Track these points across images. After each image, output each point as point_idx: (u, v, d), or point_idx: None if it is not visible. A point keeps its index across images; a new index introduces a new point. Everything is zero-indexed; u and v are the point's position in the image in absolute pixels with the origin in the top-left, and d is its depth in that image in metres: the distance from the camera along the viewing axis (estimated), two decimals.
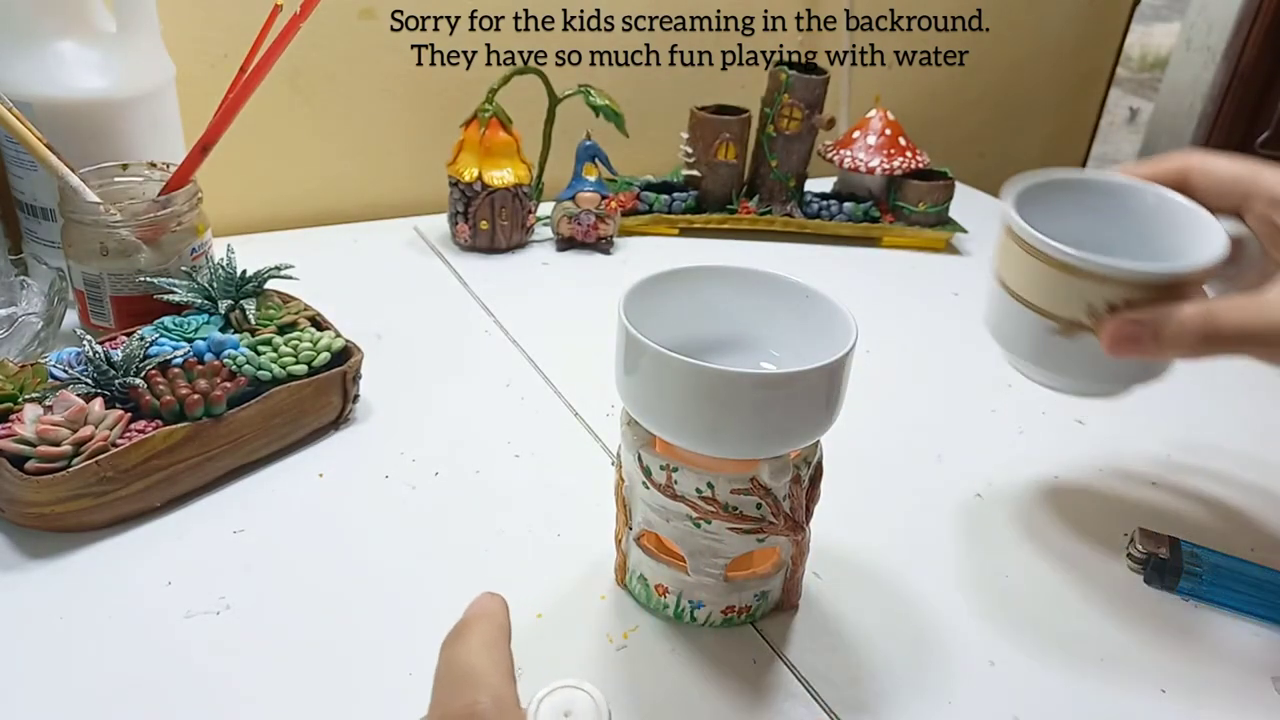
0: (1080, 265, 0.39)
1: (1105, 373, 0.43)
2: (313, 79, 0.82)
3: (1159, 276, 0.39)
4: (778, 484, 0.41)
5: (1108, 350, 0.40)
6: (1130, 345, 0.39)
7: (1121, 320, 0.39)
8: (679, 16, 0.96)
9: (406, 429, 0.58)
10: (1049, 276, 0.40)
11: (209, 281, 0.58)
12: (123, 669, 0.41)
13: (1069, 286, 0.40)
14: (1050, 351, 0.42)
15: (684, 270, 0.45)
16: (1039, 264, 0.40)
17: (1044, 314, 0.41)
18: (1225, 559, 0.50)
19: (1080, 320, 0.40)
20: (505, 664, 0.29)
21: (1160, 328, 0.38)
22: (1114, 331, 0.39)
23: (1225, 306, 0.38)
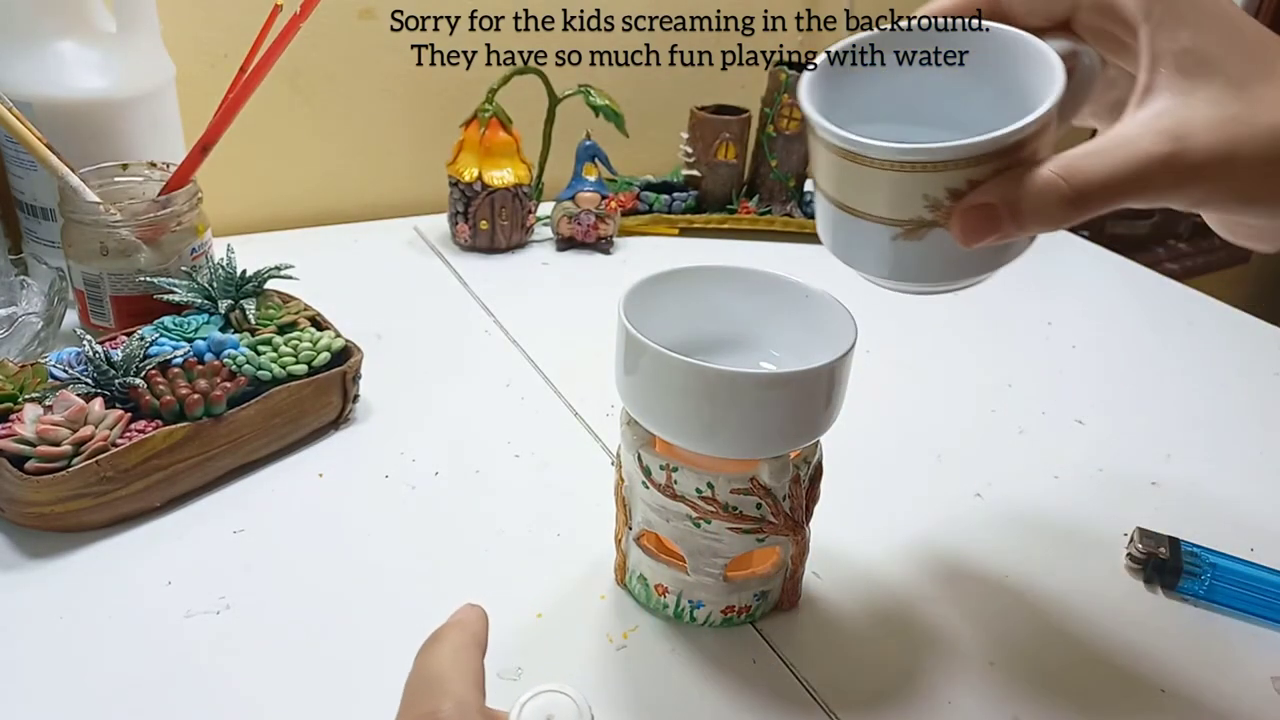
0: (906, 158, 0.33)
1: (966, 265, 0.37)
2: (313, 79, 0.82)
3: (995, 143, 0.32)
4: (778, 484, 0.41)
5: (963, 242, 0.34)
6: (987, 231, 0.33)
7: (970, 207, 0.33)
8: (679, 16, 0.96)
9: (406, 429, 0.58)
10: (875, 179, 0.34)
11: (209, 281, 0.58)
12: (123, 669, 0.41)
13: (900, 185, 0.34)
14: (901, 259, 0.36)
15: (684, 270, 0.45)
16: (860, 168, 0.34)
17: (882, 221, 0.35)
18: (1225, 559, 0.50)
19: (924, 218, 0.34)
20: (472, 672, 0.29)
21: (1015, 204, 0.33)
22: (965, 221, 0.33)
23: (1082, 159, 0.32)
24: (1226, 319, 0.83)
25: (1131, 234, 1.81)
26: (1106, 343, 0.77)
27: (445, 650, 0.30)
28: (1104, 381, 0.71)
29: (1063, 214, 0.32)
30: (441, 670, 0.29)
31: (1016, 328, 0.78)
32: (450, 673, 0.29)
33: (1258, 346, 0.78)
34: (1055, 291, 0.88)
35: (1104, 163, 0.32)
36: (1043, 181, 0.32)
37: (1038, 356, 0.74)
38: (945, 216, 0.34)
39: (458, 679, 0.29)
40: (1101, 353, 0.75)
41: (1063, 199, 0.32)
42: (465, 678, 0.29)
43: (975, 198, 0.33)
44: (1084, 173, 0.32)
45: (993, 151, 0.32)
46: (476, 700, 0.28)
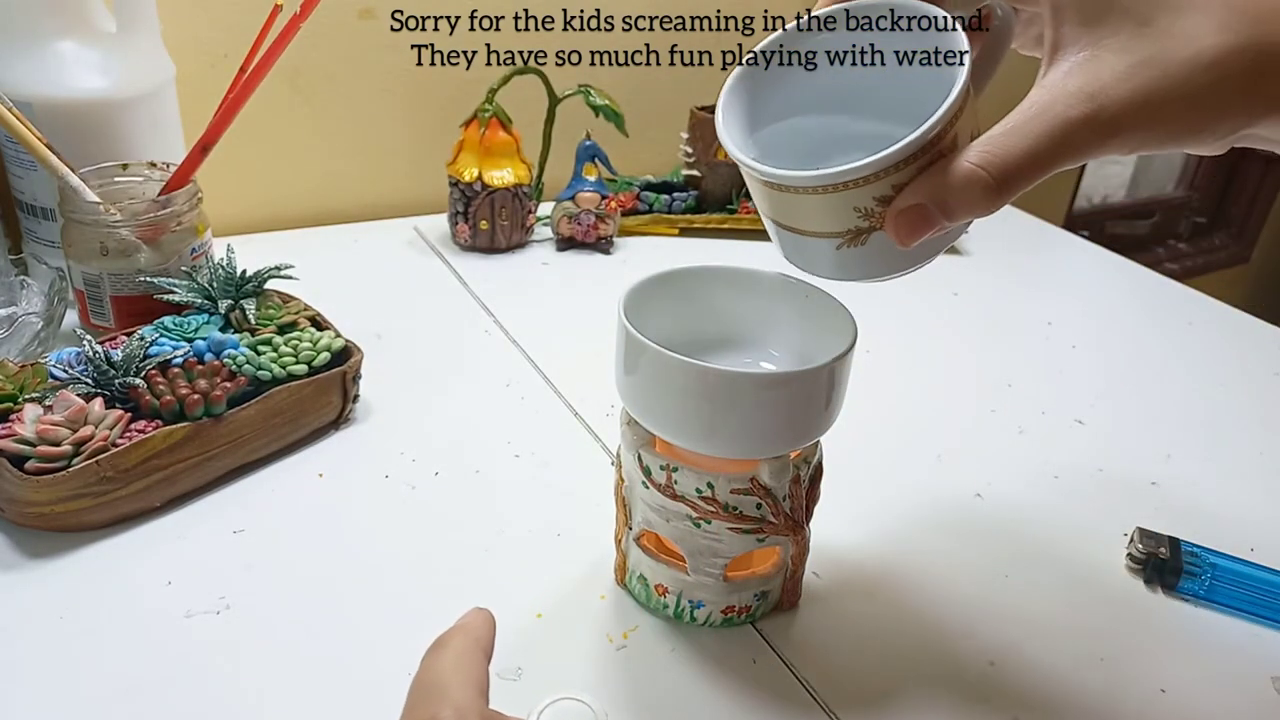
0: (826, 182, 0.33)
1: (914, 255, 0.37)
2: (313, 79, 0.82)
3: (909, 148, 0.32)
4: (778, 484, 0.41)
5: (901, 243, 0.34)
6: (921, 229, 0.33)
7: (900, 211, 0.33)
8: (679, 16, 0.96)
9: (406, 429, 0.58)
10: (804, 203, 0.35)
11: (209, 281, 0.58)
12: (123, 669, 0.41)
13: (829, 205, 0.34)
14: (849, 263, 0.37)
15: (684, 270, 0.45)
16: (788, 195, 0.35)
17: (822, 236, 0.36)
18: (1225, 559, 0.50)
19: (860, 226, 0.35)
20: (474, 677, 0.29)
21: (942, 200, 0.32)
22: (898, 224, 0.33)
23: (1002, 140, 0.32)
24: (1226, 319, 0.83)
25: (1131, 234, 1.81)
26: (1106, 343, 0.77)
27: (448, 655, 0.30)
28: (1104, 381, 0.71)
29: (990, 201, 0.32)
30: (443, 675, 0.29)
31: (1016, 328, 0.78)
32: (451, 678, 0.29)
33: (1258, 346, 0.78)
34: (1055, 291, 0.88)
35: (1023, 140, 0.31)
36: (964, 174, 0.32)
37: (1038, 356, 0.74)
38: (880, 221, 0.34)
39: (458, 684, 0.29)
40: (1101, 353, 0.75)
41: (987, 188, 0.32)
42: (466, 683, 0.29)
43: (902, 202, 0.33)
44: (1003, 156, 0.32)
45: (909, 155, 0.32)
46: (477, 706, 0.28)
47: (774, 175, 0.35)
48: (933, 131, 0.32)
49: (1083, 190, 1.52)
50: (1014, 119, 0.32)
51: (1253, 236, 1.89)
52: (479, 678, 0.30)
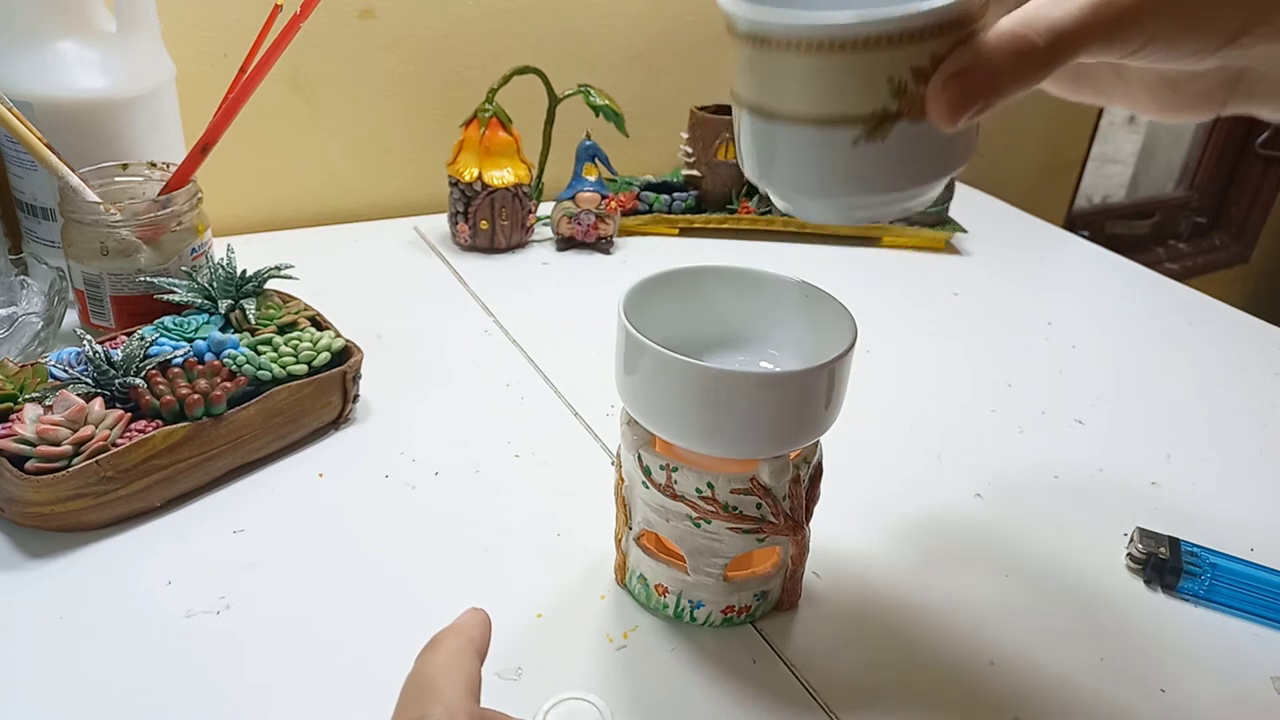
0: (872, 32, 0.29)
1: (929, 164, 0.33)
2: (313, 79, 0.82)
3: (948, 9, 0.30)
4: (778, 484, 0.41)
5: (946, 121, 0.31)
6: (969, 102, 0.31)
7: (948, 79, 0.31)
8: (679, 16, 0.96)
9: (406, 429, 0.58)
10: (832, 68, 0.30)
11: (209, 281, 0.58)
12: (123, 669, 0.41)
13: (862, 69, 0.30)
14: (862, 168, 0.32)
15: (684, 270, 0.45)
16: (813, 59, 0.30)
17: (839, 122, 0.31)
18: (1225, 559, 0.50)
19: (888, 109, 0.31)
20: (465, 678, 0.29)
21: (990, 67, 0.30)
22: (945, 96, 0.31)
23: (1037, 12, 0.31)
24: (1226, 319, 0.83)
25: (1131, 234, 1.81)
26: (1106, 343, 0.77)
27: (439, 656, 0.30)
28: (1104, 381, 0.71)
29: (1039, 67, 0.31)
30: (434, 675, 0.29)
31: (1016, 328, 0.78)
32: (442, 678, 0.29)
33: (1258, 346, 0.78)
34: (1055, 291, 0.88)
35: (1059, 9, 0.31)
36: (1012, 37, 0.31)
37: (1038, 356, 0.74)
38: (911, 103, 0.31)
39: (448, 684, 0.29)
40: (1101, 353, 0.75)
41: (1036, 51, 0.31)
42: (457, 683, 0.29)
43: (950, 67, 0.31)
44: (1047, 21, 0.31)
45: (962, 14, 0.30)
46: (467, 706, 0.28)
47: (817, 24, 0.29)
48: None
49: (1083, 190, 1.52)
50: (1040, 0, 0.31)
51: (1253, 236, 1.89)
52: (470, 677, 0.30)
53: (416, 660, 0.30)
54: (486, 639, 0.32)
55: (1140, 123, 2.03)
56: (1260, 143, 1.80)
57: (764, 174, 0.35)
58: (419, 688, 0.29)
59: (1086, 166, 1.46)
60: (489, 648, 0.32)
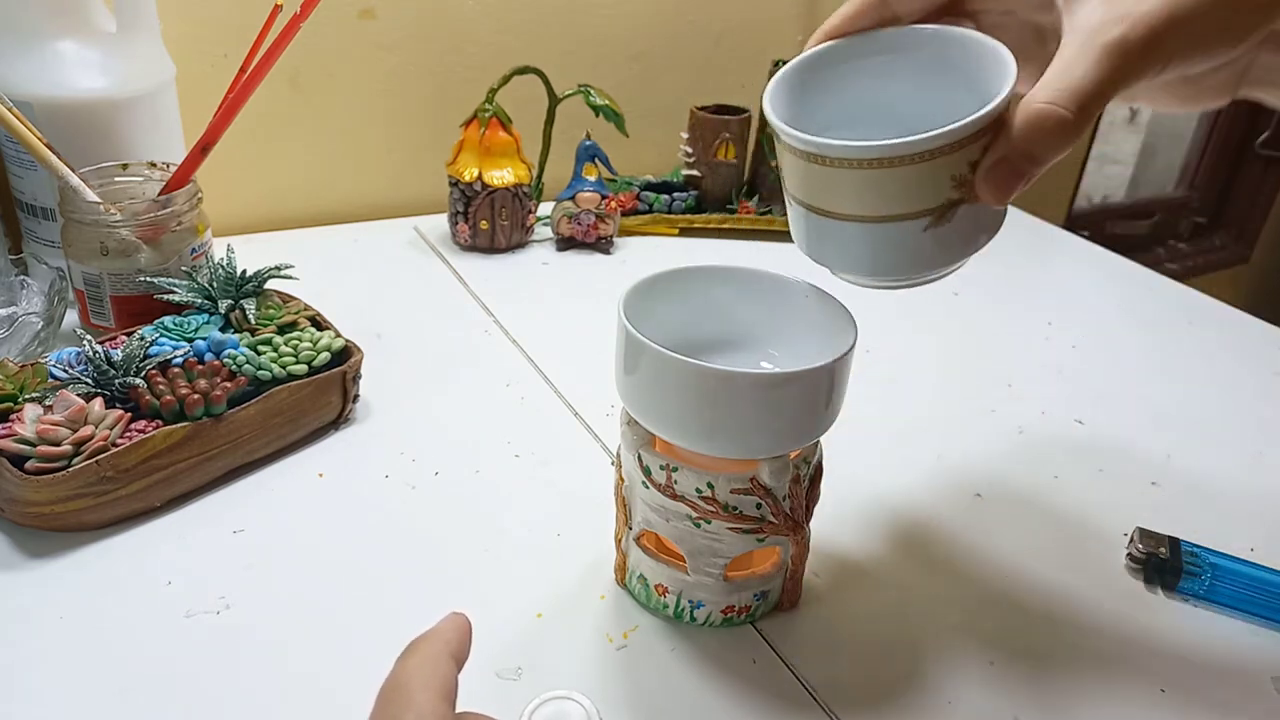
0: (937, 145, 0.34)
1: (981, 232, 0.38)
2: (313, 79, 0.82)
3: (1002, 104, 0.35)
4: (778, 484, 0.41)
5: (997, 200, 0.36)
6: (1015, 180, 0.35)
7: (993, 166, 0.35)
8: (679, 17, 0.96)
9: (406, 429, 0.58)
10: (904, 176, 0.35)
11: (209, 281, 0.58)
12: (123, 669, 0.41)
13: (926, 175, 0.35)
14: (933, 248, 0.37)
15: (684, 270, 0.45)
16: (887, 171, 0.35)
17: (912, 216, 0.36)
18: (1225, 559, 0.50)
19: (952, 198, 0.36)
20: (439, 682, 0.29)
21: (1028, 146, 0.34)
22: (994, 181, 0.35)
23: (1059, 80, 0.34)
24: (1226, 319, 0.83)
25: (1131, 234, 1.81)
26: (1106, 343, 0.77)
27: (414, 660, 0.30)
28: (1104, 381, 0.71)
29: (1070, 133, 0.34)
30: (407, 680, 0.29)
31: (1016, 328, 0.78)
32: (415, 683, 0.29)
33: (1258, 346, 0.78)
34: (1055, 291, 0.88)
35: (1079, 71, 0.34)
36: (1040, 114, 0.34)
37: (1038, 356, 0.74)
38: (969, 190, 0.36)
39: (421, 689, 0.29)
40: (1101, 353, 0.75)
41: (1063, 121, 0.34)
42: (430, 688, 0.29)
43: (994, 156, 0.35)
44: (1069, 88, 0.34)
45: (1000, 113, 0.35)
46: (440, 711, 0.28)
47: (891, 145, 0.34)
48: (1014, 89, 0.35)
49: (1083, 190, 1.52)
50: (1060, 63, 0.35)
51: (1253, 236, 1.89)
52: (444, 682, 0.29)
53: (393, 665, 0.30)
54: (465, 643, 0.32)
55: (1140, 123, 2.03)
56: (1260, 143, 1.80)
57: (839, 265, 0.40)
58: (392, 690, 0.29)
59: (1086, 166, 1.46)
60: (469, 652, 0.32)
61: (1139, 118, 2.13)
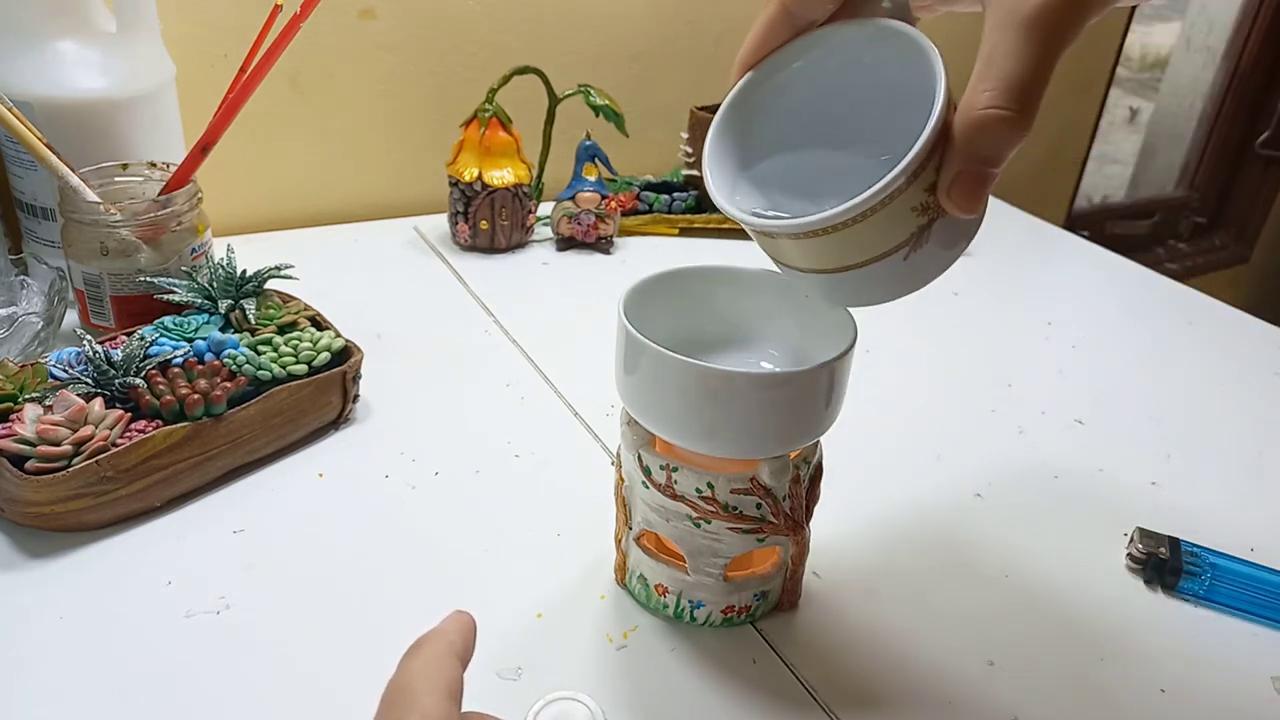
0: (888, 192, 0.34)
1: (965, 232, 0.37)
2: (313, 79, 0.82)
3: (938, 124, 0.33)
4: (778, 484, 0.41)
5: (969, 211, 0.34)
6: (979, 188, 0.34)
7: (955, 184, 0.34)
8: (679, 17, 0.96)
9: (406, 429, 0.58)
10: (865, 230, 0.35)
11: (209, 281, 0.58)
12: (123, 669, 0.41)
13: (892, 214, 0.35)
14: (916, 269, 0.37)
15: (684, 270, 0.45)
16: (846, 232, 0.35)
17: (890, 253, 0.36)
18: (1225, 559, 0.50)
19: (920, 224, 0.35)
20: (444, 682, 0.29)
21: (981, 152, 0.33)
22: (957, 196, 0.34)
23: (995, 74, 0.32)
24: (1226, 319, 0.83)
25: (1131, 234, 1.81)
26: (1106, 343, 0.77)
27: (418, 661, 0.30)
28: (1104, 381, 0.71)
29: (1020, 129, 0.33)
30: (411, 681, 0.29)
31: (1016, 328, 0.78)
32: (419, 683, 0.29)
33: (1258, 346, 0.78)
34: (1055, 291, 0.88)
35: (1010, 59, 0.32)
36: (984, 120, 0.32)
37: (1038, 356, 0.74)
38: (936, 208, 0.35)
39: (426, 690, 0.28)
40: (1101, 353, 0.75)
41: (1010, 120, 0.32)
42: (435, 688, 0.29)
43: (950, 172, 0.34)
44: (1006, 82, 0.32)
45: (940, 131, 0.33)
46: (445, 711, 0.28)
47: (841, 211, 0.34)
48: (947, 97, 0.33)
49: (1083, 190, 1.53)
50: (986, 52, 0.33)
51: (1253, 236, 1.89)
52: (449, 682, 0.29)
53: (398, 665, 0.30)
54: (470, 642, 0.32)
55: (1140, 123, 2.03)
56: (1260, 143, 1.80)
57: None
58: (397, 693, 0.29)
59: (1086, 166, 1.46)
60: (473, 651, 0.32)
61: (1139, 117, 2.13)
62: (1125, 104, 2.15)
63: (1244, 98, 1.77)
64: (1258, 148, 1.80)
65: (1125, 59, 1.45)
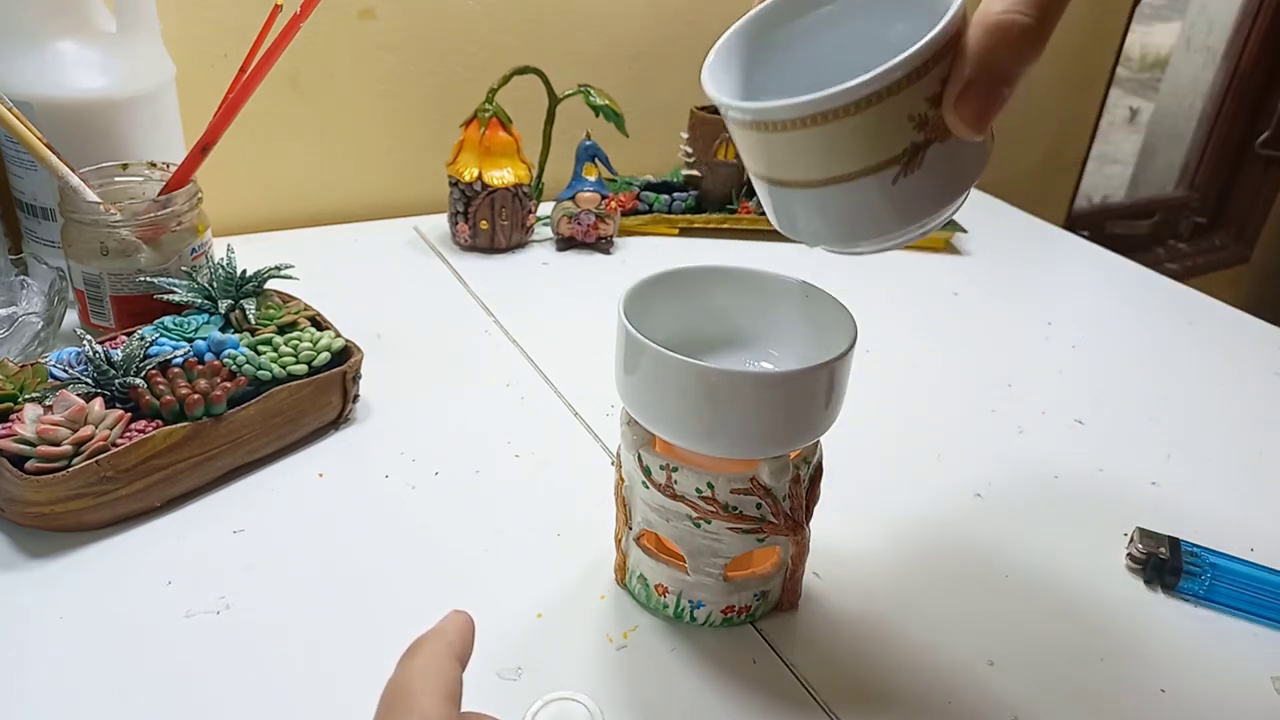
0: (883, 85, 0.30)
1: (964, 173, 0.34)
2: (313, 79, 0.82)
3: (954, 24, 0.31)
4: (778, 484, 0.41)
5: (974, 131, 0.32)
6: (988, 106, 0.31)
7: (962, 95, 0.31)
8: (679, 17, 0.96)
9: (406, 429, 0.58)
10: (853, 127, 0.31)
11: (209, 281, 0.58)
12: (123, 669, 0.41)
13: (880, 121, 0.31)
14: (907, 199, 0.33)
15: (684, 270, 0.45)
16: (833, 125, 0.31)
17: (875, 170, 0.33)
18: (1225, 559, 0.50)
19: (916, 140, 0.32)
20: (443, 684, 0.29)
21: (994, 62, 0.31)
22: (964, 111, 0.31)
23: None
24: (1226, 319, 0.83)
25: (1131, 234, 1.81)
26: (1106, 343, 0.77)
27: (418, 661, 0.30)
28: (1104, 381, 0.71)
29: (1036, 41, 0.31)
30: (410, 682, 0.29)
31: (1016, 328, 0.78)
32: (419, 685, 0.29)
33: (1258, 346, 0.78)
34: (1055, 291, 0.88)
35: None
36: (1001, 26, 0.31)
37: (1038, 356, 0.74)
38: (936, 128, 0.32)
39: (425, 691, 0.28)
40: (1101, 353, 0.75)
41: (1027, 29, 0.31)
42: (434, 690, 0.28)
43: (958, 83, 0.31)
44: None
45: (949, 36, 0.31)
46: (445, 713, 0.28)
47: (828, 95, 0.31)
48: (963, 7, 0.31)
49: (1083, 190, 1.53)
50: None
51: (1253, 236, 1.89)
52: (449, 684, 0.29)
53: (396, 666, 0.30)
54: (469, 642, 0.32)
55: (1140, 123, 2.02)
56: (1260, 143, 1.80)
57: (817, 236, 0.36)
58: (395, 693, 0.29)
59: (1086, 166, 1.46)
60: (472, 651, 0.32)
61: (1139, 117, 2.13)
62: (1125, 104, 2.15)
63: (1244, 98, 1.77)
64: (1258, 148, 1.80)
65: (1125, 59, 1.45)
